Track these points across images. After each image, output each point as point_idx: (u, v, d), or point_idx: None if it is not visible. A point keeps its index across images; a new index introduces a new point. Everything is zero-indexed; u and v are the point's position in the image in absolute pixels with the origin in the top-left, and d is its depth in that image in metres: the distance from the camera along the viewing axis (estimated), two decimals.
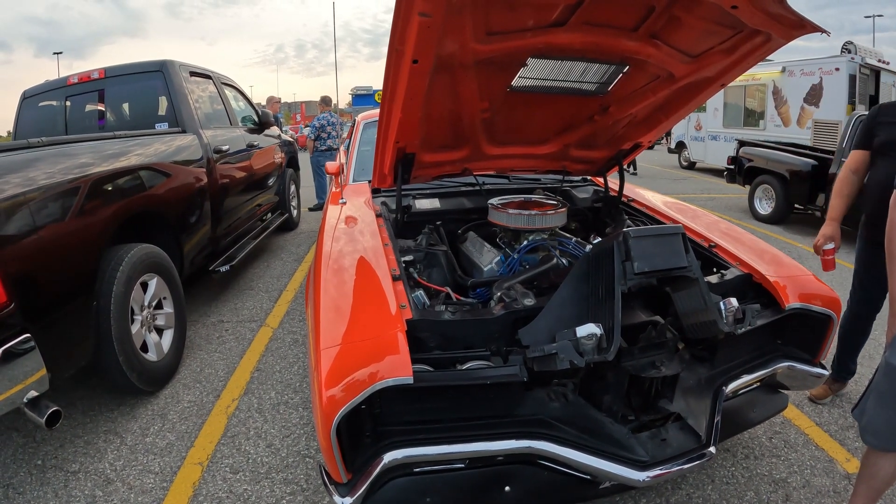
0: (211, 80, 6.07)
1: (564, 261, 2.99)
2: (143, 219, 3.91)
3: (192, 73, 5.54)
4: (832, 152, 8.87)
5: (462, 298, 2.63)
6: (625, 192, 3.83)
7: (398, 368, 1.77)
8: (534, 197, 3.53)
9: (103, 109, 5.45)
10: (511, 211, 3.11)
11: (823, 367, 2.54)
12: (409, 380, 1.75)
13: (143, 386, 3.57)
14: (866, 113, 8.30)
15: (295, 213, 8.55)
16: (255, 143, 6.47)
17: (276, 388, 3.87)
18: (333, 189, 4.23)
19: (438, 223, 3.42)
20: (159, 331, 3.96)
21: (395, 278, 2.31)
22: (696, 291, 2.22)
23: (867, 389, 2.26)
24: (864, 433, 2.25)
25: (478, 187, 3.67)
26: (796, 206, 8.93)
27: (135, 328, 3.53)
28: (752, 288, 2.64)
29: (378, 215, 3.21)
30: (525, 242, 3.13)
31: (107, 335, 3.24)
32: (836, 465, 3.02)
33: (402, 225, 3.34)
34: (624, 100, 3.07)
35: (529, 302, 2.31)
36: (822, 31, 2.36)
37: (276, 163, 7.38)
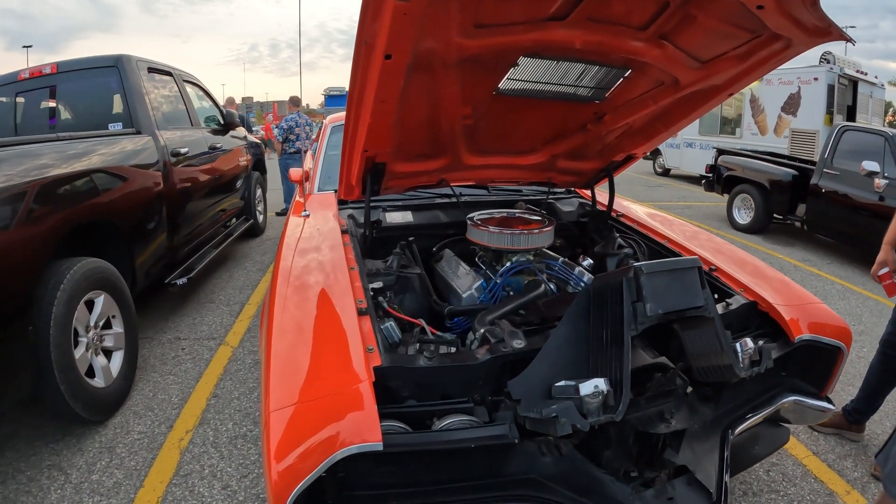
0: (172, 78, 5.66)
1: (552, 285, 2.67)
2: (90, 230, 3.59)
3: (151, 70, 5.15)
4: (812, 162, 8.73)
5: (438, 334, 2.28)
6: (613, 206, 3.50)
7: (364, 431, 1.51)
8: (516, 212, 3.18)
9: (55, 107, 5.03)
10: (492, 229, 2.76)
11: (829, 402, 2.37)
12: (378, 445, 1.49)
13: (89, 416, 3.25)
14: (850, 123, 8.35)
15: (261, 218, 8.22)
16: (218, 145, 6.12)
17: (233, 419, 3.54)
18: (297, 198, 3.86)
19: (411, 239, 3.07)
20: (108, 353, 3.62)
21: (361, 312, 2.01)
22: (710, 331, 1.93)
23: (894, 433, 2.15)
24: (888, 481, 2.04)
25: (457, 198, 3.29)
26: (776, 215, 8.77)
27: (79, 352, 3.21)
28: (758, 316, 2.43)
29: (344, 231, 2.89)
30: (508, 264, 2.78)
31: (46, 363, 2.91)
32: (837, 499, 2.89)
33: (370, 242, 2.98)
34: (622, 107, 2.75)
35: (519, 344, 1.99)
36: (848, 39, 2.09)
37: (242, 165, 7.03)
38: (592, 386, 1.62)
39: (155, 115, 4.78)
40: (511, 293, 2.68)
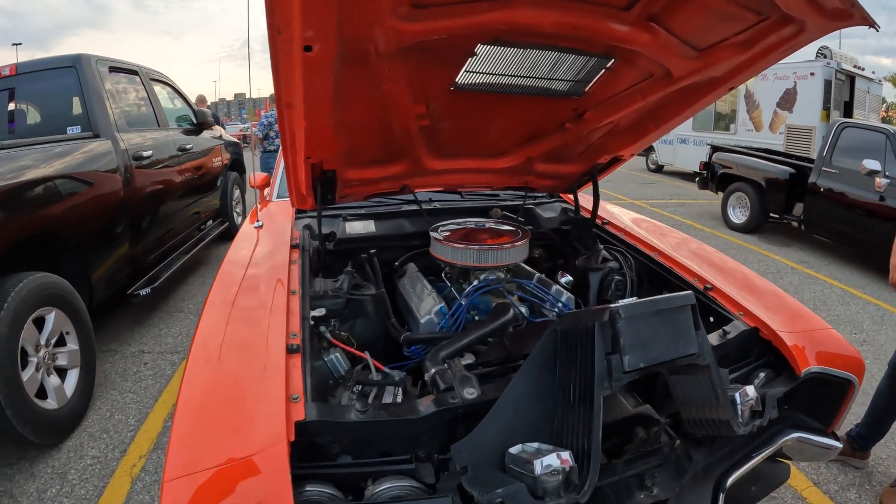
0: (137, 77, 5.34)
1: (524, 309, 2.33)
2: (40, 242, 3.40)
3: (114, 69, 4.86)
4: (809, 159, 8.34)
5: (386, 371, 1.91)
6: (598, 212, 3.11)
7: None
8: (487, 223, 2.79)
9: (13, 111, 4.74)
10: (457, 244, 2.36)
11: (836, 438, 2.08)
12: None
13: (40, 440, 3.07)
14: (849, 120, 7.95)
15: (239, 219, 7.77)
16: (188, 146, 5.81)
17: None
18: (257, 204, 3.50)
19: (373, 252, 2.75)
20: (62, 371, 3.40)
21: (291, 350, 1.71)
22: (704, 380, 1.57)
23: None
24: None
25: (420, 207, 2.91)
26: (772, 215, 8.40)
27: (28, 372, 3.01)
28: (759, 344, 2.11)
29: (295, 246, 2.56)
30: (475, 283, 2.40)
31: None
32: None
33: (324, 257, 2.65)
34: (605, 103, 2.36)
35: (470, 394, 1.61)
36: (872, 24, 1.71)
37: (217, 166, 6.68)
38: (550, 463, 1.26)
39: (116, 117, 4.50)
40: (476, 317, 2.29)
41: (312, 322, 1.99)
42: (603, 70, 2.12)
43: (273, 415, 1.44)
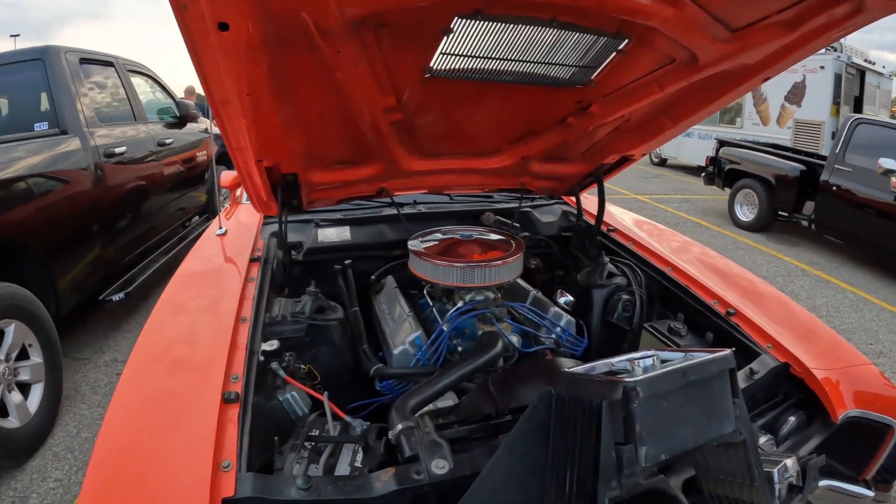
0: (113, 68, 4.95)
1: (515, 339, 1.97)
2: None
3: (86, 61, 4.47)
4: (820, 156, 7.90)
5: (347, 419, 1.52)
6: (603, 217, 2.72)
7: None
8: (474, 233, 2.39)
9: None
10: (438, 261, 1.97)
11: (868, 486, 1.81)
12: None
13: (0, 461, 2.88)
14: (864, 116, 7.52)
15: None
16: (169, 141, 5.44)
17: None
18: (225, 208, 3.15)
19: (347, 262, 2.41)
20: (24, 387, 3.15)
21: (228, 400, 1.40)
22: (738, 456, 1.22)
23: None
24: None
25: (399, 213, 2.55)
26: (780, 213, 7.94)
27: None
28: (788, 381, 1.81)
29: (256, 259, 2.22)
30: (459, 305, 2.02)
31: None
32: None
33: (290, 270, 2.32)
34: (615, 95, 1.97)
35: (440, 468, 1.27)
36: None
37: (202, 160, 6.30)
38: None
39: (85, 113, 4.14)
40: (460, 347, 1.91)
41: (262, 357, 1.64)
42: (614, 53, 1.72)
43: (194, 488, 1.17)
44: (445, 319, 1.96)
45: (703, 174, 9.54)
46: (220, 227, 2.63)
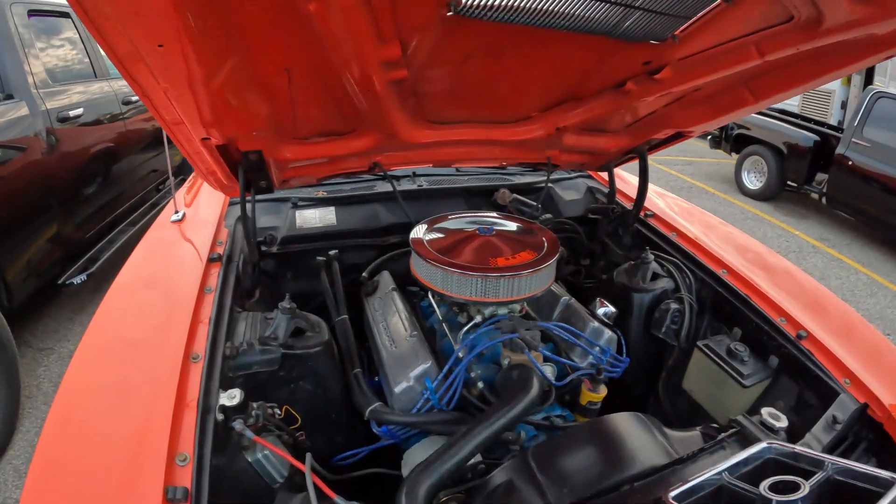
0: (69, 20, 4.35)
1: (548, 371, 1.53)
2: None
3: (35, 13, 3.90)
4: (834, 127, 7.42)
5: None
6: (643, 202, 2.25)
7: None
8: (492, 219, 1.88)
9: None
10: (451, 269, 1.48)
11: None
12: None
13: None
14: (885, 90, 7.00)
15: None
16: (137, 97, 4.71)
17: None
18: (187, 184, 2.64)
19: (333, 253, 1.96)
20: None
21: (172, 500, 0.99)
22: None
23: None
24: None
25: (395, 189, 2.06)
26: (790, 183, 7.50)
27: None
28: (865, 425, 1.47)
29: (216, 259, 1.73)
30: (478, 319, 1.57)
31: None
32: None
33: (258, 270, 1.86)
34: (697, 59, 1.46)
35: None
36: None
37: None
38: None
39: (35, 73, 3.64)
40: (480, 384, 1.45)
41: (221, 417, 1.19)
42: (714, 4, 1.21)
43: None
44: (462, 344, 1.49)
45: (708, 136, 9.01)
46: (176, 212, 2.13)
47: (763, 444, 1.05)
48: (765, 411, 1.35)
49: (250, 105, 1.28)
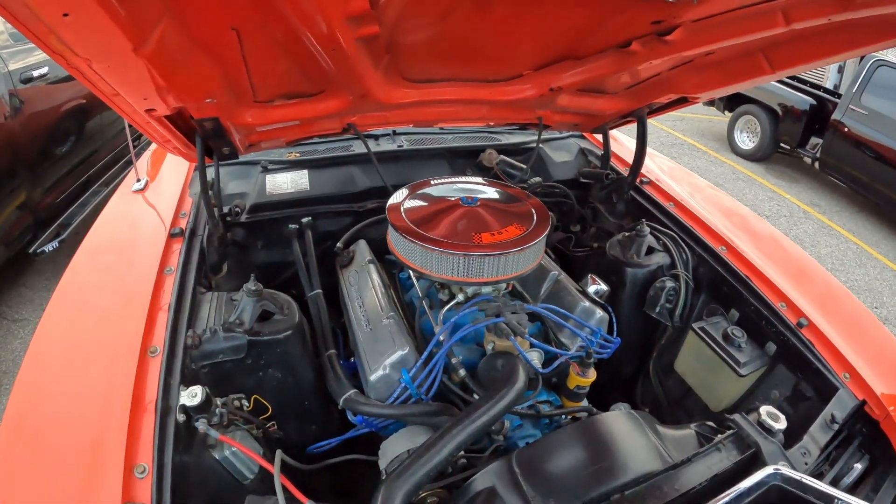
0: None
1: (535, 358, 1.44)
2: None
3: None
4: (830, 91, 7.30)
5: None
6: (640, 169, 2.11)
7: None
8: (477, 184, 1.73)
9: None
10: (431, 246, 1.35)
11: None
12: None
13: None
14: (886, 58, 6.83)
15: None
16: None
17: None
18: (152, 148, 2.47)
19: (307, 220, 1.90)
20: None
21: None
22: None
23: None
24: None
25: (369, 152, 1.92)
26: (783, 145, 7.37)
27: None
28: (861, 422, 1.43)
29: (177, 234, 1.62)
30: (460, 299, 1.47)
31: None
32: None
33: (225, 243, 1.73)
34: (714, 21, 1.30)
35: None
36: None
37: None
38: None
39: None
40: (461, 371, 1.34)
41: (183, 417, 1.11)
42: None
43: None
44: (443, 327, 1.37)
45: None
46: (138, 180, 1.97)
47: (769, 470, 1.00)
48: (763, 410, 1.27)
49: (196, 70, 1.13)
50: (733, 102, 8.01)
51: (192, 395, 1.12)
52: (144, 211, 1.85)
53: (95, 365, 1.22)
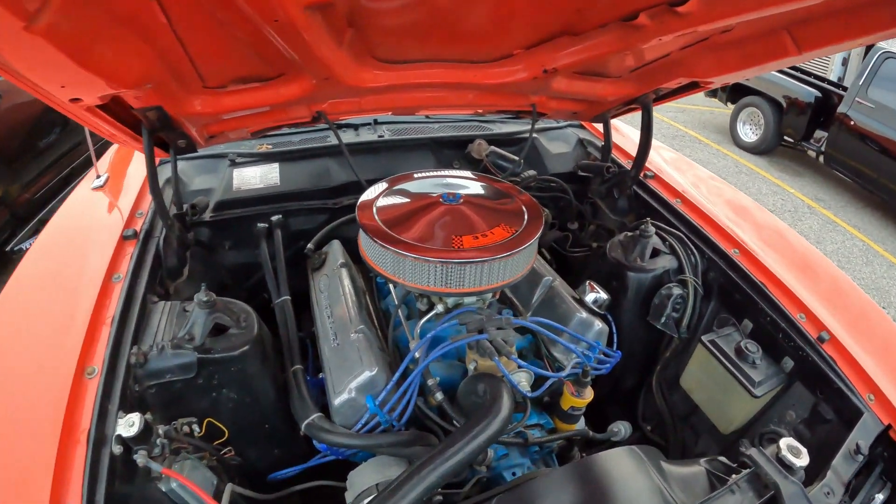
0: None
1: (523, 380, 1.25)
2: None
3: None
4: (835, 83, 7.13)
5: None
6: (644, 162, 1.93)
7: None
8: (462, 189, 1.52)
9: None
10: (405, 252, 1.17)
11: None
12: None
13: None
14: (891, 50, 6.65)
15: None
16: None
17: None
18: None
19: (277, 218, 1.72)
20: None
21: None
22: None
23: None
24: None
25: (341, 143, 1.75)
26: (786, 138, 7.19)
27: None
28: (883, 444, 1.28)
29: (131, 236, 1.47)
30: (439, 310, 1.30)
31: None
32: None
33: (185, 243, 1.57)
34: None
35: None
36: None
37: None
38: None
39: None
40: (438, 395, 1.16)
41: (120, 449, 0.98)
42: None
43: None
44: (420, 342, 1.19)
45: None
46: (98, 176, 1.82)
47: None
48: (783, 444, 1.09)
49: (118, 50, 0.94)
50: (736, 94, 7.83)
51: (129, 425, 0.98)
52: (100, 210, 1.68)
53: (26, 388, 1.06)
